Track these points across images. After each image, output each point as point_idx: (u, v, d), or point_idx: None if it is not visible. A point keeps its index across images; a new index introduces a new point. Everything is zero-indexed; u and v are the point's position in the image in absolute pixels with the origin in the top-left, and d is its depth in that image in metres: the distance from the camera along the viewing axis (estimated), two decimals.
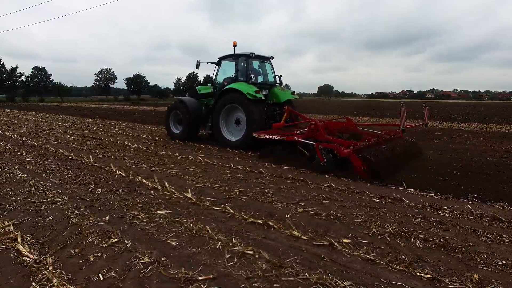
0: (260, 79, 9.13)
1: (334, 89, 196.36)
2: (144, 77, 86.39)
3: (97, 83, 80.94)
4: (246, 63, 8.50)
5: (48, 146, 8.13)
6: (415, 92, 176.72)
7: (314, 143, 5.78)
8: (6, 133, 11.06)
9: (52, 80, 73.06)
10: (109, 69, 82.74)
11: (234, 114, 8.46)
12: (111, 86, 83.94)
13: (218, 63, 9.30)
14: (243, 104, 7.81)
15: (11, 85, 64.06)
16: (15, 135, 10.32)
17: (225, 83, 8.77)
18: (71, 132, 11.67)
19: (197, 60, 9.06)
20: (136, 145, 8.50)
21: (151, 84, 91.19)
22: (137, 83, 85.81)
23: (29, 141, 9.05)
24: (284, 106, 8.13)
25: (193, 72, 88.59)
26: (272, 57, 9.45)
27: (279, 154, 6.70)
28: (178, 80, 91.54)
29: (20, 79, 65.93)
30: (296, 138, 6.31)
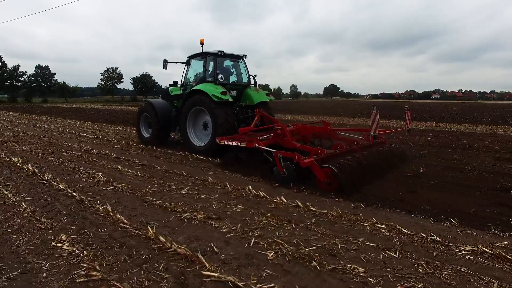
0: (233, 79, 8.42)
1: (340, 90, 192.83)
2: (152, 76, 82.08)
3: (103, 83, 76.36)
4: (214, 62, 7.81)
5: (108, 208, 3.76)
6: (420, 92, 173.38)
7: (273, 151, 5.04)
8: (13, 158, 6.70)
9: (56, 79, 68.65)
10: (116, 68, 78.26)
11: (202, 118, 7.81)
12: (117, 86, 79.41)
13: (187, 63, 8.61)
14: (209, 106, 7.19)
15: (12, 85, 59.34)
16: (30, 166, 5.96)
17: (194, 84, 8.14)
18: (114, 155, 7.34)
19: (165, 60, 8.52)
20: (275, 197, 4.16)
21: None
22: (143, 82, 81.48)
23: (61, 186, 4.70)
24: (256, 109, 7.46)
25: None
26: (246, 56, 8.59)
27: (244, 162, 5.98)
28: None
29: (22, 79, 61.28)
30: (257, 145, 5.50)
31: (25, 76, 61.67)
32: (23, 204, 3.94)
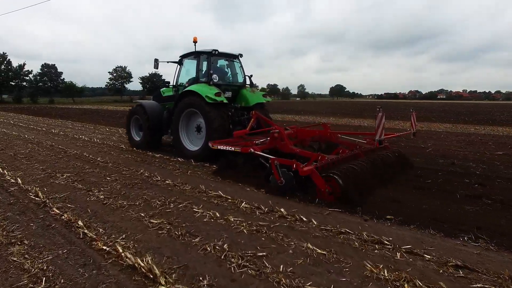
0: (228, 79, 8.03)
1: (346, 90, 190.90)
2: (161, 75, 78.57)
3: (111, 82, 72.78)
4: (208, 61, 7.41)
5: None
6: (423, 92, 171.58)
7: (270, 158, 4.65)
8: (140, 261, 3.21)
9: (63, 79, 65.08)
10: (125, 67, 74.74)
11: (195, 120, 7.37)
12: (126, 85, 75.89)
13: (180, 62, 8.16)
14: (202, 108, 6.81)
15: (17, 85, 55.51)
16: None
17: (186, 85, 7.75)
18: (283, 210, 3.91)
19: (155, 59, 8.10)
20: None
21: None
22: (152, 82, 78.03)
23: None
24: (252, 111, 6.96)
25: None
26: (241, 55, 8.16)
27: (240, 169, 5.47)
28: None
29: (27, 78, 57.50)
30: (252, 150, 5.10)
31: (31, 75, 58.07)
32: None
